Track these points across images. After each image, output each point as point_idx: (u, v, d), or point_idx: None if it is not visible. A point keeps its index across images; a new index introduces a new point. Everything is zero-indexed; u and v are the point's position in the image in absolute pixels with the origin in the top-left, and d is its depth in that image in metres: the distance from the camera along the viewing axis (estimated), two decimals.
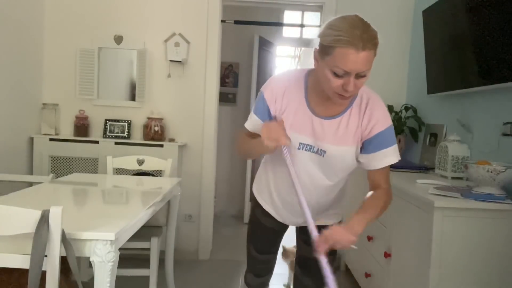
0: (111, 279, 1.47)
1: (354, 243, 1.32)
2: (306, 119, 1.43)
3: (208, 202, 3.58)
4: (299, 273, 1.72)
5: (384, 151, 1.41)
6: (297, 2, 3.57)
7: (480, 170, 1.84)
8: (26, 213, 1.33)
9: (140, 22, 3.46)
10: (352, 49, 1.21)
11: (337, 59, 1.23)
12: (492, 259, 1.75)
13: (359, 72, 1.26)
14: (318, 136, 1.42)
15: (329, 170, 1.48)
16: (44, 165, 3.27)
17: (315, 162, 1.46)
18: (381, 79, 3.54)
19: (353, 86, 1.27)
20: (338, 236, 1.31)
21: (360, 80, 1.29)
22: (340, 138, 1.41)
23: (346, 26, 1.24)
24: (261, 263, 1.78)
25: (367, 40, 1.23)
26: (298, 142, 1.44)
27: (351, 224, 1.34)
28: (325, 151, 1.43)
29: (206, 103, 3.51)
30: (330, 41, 1.24)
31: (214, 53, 3.49)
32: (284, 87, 1.45)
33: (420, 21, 3.09)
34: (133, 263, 2.69)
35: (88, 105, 3.48)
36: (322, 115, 1.42)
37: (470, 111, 2.52)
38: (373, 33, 1.26)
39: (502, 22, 2.03)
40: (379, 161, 1.42)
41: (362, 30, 1.23)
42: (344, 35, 1.22)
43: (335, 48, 1.23)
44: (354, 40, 1.21)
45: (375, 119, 1.39)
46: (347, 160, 1.45)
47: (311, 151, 1.45)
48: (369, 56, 1.26)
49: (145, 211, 1.84)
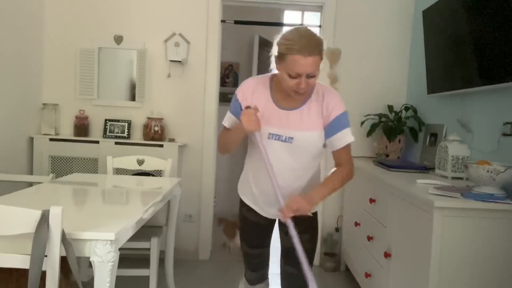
0: (111, 279, 1.47)
1: (310, 211, 1.61)
2: (273, 112, 1.68)
3: (208, 202, 3.58)
4: (283, 263, 1.89)
5: (342, 132, 1.69)
6: (297, 2, 3.57)
7: (480, 170, 1.84)
8: (26, 213, 1.33)
9: (140, 22, 3.46)
10: (300, 56, 1.50)
11: (289, 64, 1.52)
12: (492, 259, 1.75)
13: (308, 74, 1.53)
14: (285, 125, 1.67)
15: (297, 154, 1.70)
16: (44, 165, 3.27)
17: (285, 149, 1.69)
18: (381, 79, 3.54)
19: (305, 84, 1.55)
20: (297, 205, 1.57)
21: (310, 79, 1.56)
22: (304, 124, 1.67)
23: (296, 37, 1.52)
24: (255, 257, 1.94)
25: (313, 48, 1.51)
26: (268, 133, 1.68)
27: (311, 195, 1.62)
28: (292, 137, 1.67)
29: (206, 103, 3.51)
30: (283, 49, 1.53)
31: (214, 53, 3.49)
32: (252, 88, 1.73)
33: (420, 21, 3.09)
34: (133, 263, 2.69)
35: (88, 105, 3.48)
36: (286, 106, 1.69)
37: (470, 111, 2.52)
38: (318, 41, 1.54)
39: (502, 22, 2.03)
40: (339, 142, 1.70)
41: (309, 39, 1.51)
42: (294, 45, 1.50)
43: (287, 56, 1.52)
44: (302, 48, 1.49)
45: (331, 106, 1.67)
46: (312, 143, 1.69)
47: (280, 140, 1.68)
48: (316, 60, 1.53)
49: (145, 211, 1.84)
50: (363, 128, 3.46)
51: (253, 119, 1.60)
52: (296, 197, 1.60)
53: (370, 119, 3.43)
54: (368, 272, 2.66)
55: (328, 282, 3.22)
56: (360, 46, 3.52)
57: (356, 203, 3.06)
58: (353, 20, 3.50)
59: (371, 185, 2.70)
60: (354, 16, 3.50)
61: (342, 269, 3.46)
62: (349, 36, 3.51)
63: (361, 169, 2.93)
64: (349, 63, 3.51)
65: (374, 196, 2.61)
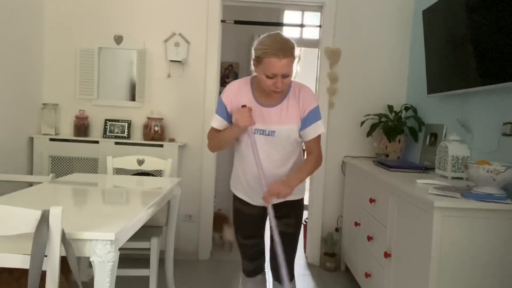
0: (111, 279, 1.47)
1: (290, 194, 1.83)
2: (256, 110, 1.88)
3: (208, 202, 3.58)
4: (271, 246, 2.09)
5: (314, 125, 1.89)
6: (297, 2, 3.57)
7: (480, 170, 1.84)
8: (26, 213, 1.33)
9: (140, 22, 3.46)
10: (275, 58, 1.70)
11: (266, 66, 1.73)
12: (492, 259, 1.75)
13: (283, 74, 1.73)
14: (267, 121, 1.89)
15: (279, 145, 1.92)
16: (44, 165, 3.27)
17: (268, 142, 1.91)
18: (381, 79, 3.54)
19: (281, 84, 1.76)
20: (277, 189, 1.79)
21: (285, 79, 1.76)
22: (284, 119, 1.88)
23: (270, 41, 1.72)
24: (251, 247, 2.10)
25: (286, 51, 1.70)
26: (253, 129, 1.89)
27: (288, 180, 1.85)
28: (274, 131, 1.89)
29: (206, 103, 3.51)
30: (260, 53, 1.73)
31: (214, 53, 3.49)
32: (235, 90, 1.93)
33: (420, 21, 3.09)
34: (133, 263, 2.69)
35: (88, 105, 3.48)
36: (267, 104, 1.89)
37: (470, 111, 2.52)
38: (290, 45, 1.74)
39: (502, 22, 2.03)
40: (312, 132, 1.90)
41: (281, 43, 1.71)
42: (269, 49, 1.70)
43: (264, 59, 1.72)
44: (276, 52, 1.69)
45: (306, 101, 1.88)
46: (291, 135, 1.91)
47: (263, 134, 1.90)
48: (289, 62, 1.73)
49: (145, 211, 1.84)
50: (363, 128, 3.46)
51: (247, 116, 1.80)
52: (276, 182, 1.82)
53: (370, 119, 3.43)
54: (368, 272, 2.66)
55: (328, 282, 3.22)
56: (360, 46, 3.52)
57: (356, 203, 3.06)
58: (353, 20, 3.50)
59: (371, 185, 2.70)
60: (354, 16, 3.50)
61: (342, 269, 3.46)
62: (349, 36, 3.51)
63: (361, 169, 2.93)
64: (349, 63, 3.51)
65: (374, 196, 2.61)
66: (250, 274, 2.14)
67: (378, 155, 3.35)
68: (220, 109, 1.94)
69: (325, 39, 3.50)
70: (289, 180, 1.85)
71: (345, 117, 3.53)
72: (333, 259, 3.45)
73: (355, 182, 3.16)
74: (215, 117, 1.97)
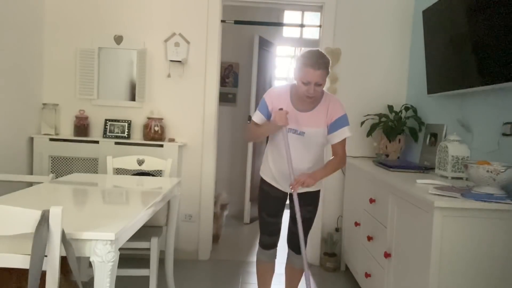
0: (111, 279, 1.47)
1: (313, 184, 2.19)
2: (292, 113, 2.21)
3: (208, 202, 3.58)
4: (291, 225, 2.43)
5: (341, 130, 2.22)
6: (297, 2, 3.57)
7: (480, 170, 1.84)
8: (26, 213, 1.33)
9: (140, 22, 3.46)
10: (311, 69, 2.05)
11: (303, 75, 2.09)
12: (492, 259, 1.75)
13: (316, 82, 2.08)
14: (299, 123, 2.23)
15: (307, 144, 2.26)
16: (44, 165, 3.27)
17: (298, 140, 2.25)
18: (381, 79, 3.54)
19: (313, 90, 2.10)
20: (303, 179, 2.16)
21: (318, 87, 2.10)
22: (314, 123, 2.23)
23: (310, 55, 2.09)
24: (272, 224, 2.42)
25: (321, 64, 2.06)
26: (288, 128, 2.22)
27: (314, 173, 2.22)
28: (304, 132, 2.24)
29: (206, 103, 3.51)
30: (300, 64, 2.10)
31: (214, 53, 3.49)
32: (276, 94, 2.29)
33: (420, 21, 3.09)
34: (133, 263, 2.69)
35: (88, 105, 3.48)
36: (301, 109, 2.23)
37: (470, 111, 2.52)
38: (326, 60, 2.09)
39: (502, 22, 2.03)
40: (338, 137, 2.24)
41: (318, 57, 2.07)
42: (308, 61, 2.07)
43: (302, 68, 2.09)
44: (313, 64, 2.05)
45: (334, 110, 2.23)
46: (318, 137, 2.25)
47: (295, 133, 2.24)
48: (323, 74, 2.08)
49: (145, 211, 1.85)
50: (363, 128, 3.46)
51: (283, 117, 2.15)
52: (304, 174, 2.20)
53: (370, 119, 3.43)
54: (368, 272, 2.66)
55: (328, 282, 3.23)
56: (360, 46, 3.52)
57: (356, 203, 3.06)
58: (353, 20, 3.50)
59: (371, 185, 2.70)
60: (354, 16, 3.50)
61: (342, 269, 3.46)
62: (349, 36, 3.51)
63: (361, 169, 2.93)
64: (349, 63, 3.51)
65: (374, 196, 2.61)
66: (266, 247, 2.46)
67: (378, 155, 3.35)
68: (262, 107, 2.30)
69: (325, 39, 3.50)
70: (315, 173, 2.22)
71: None
72: (333, 259, 3.45)
73: (355, 182, 3.16)
74: (257, 113, 2.31)
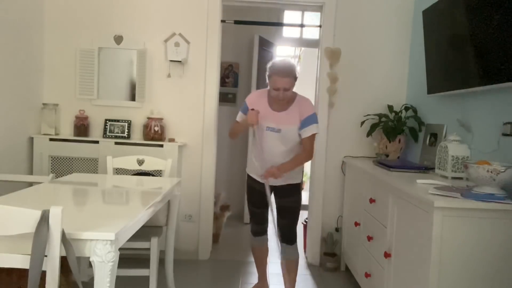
0: (111, 279, 1.47)
1: (280, 176, 2.49)
2: (269, 113, 2.54)
3: (208, 202, 3.58)
4: (278, 218, 2.68)
5: (310, 126, 2.50)
6: (297, 2, 3.57)
7: (480, 170, 1.84)
8: (26, 213, 1.33)
9: (140, 22, 3.46)
10: (279, 77, 2.39)
11: (272, 82, 2.43)
12: (492, 259, 1.75)
13: (284, 88, 2.40)
14: (276, 122, 2.53)
15: (284, 141, 2.54)
16: (44, 165, 3.27)
17: (276, 137, 2.54)
18: (381, 79, 3.54)
19: (282, 95, 2.43)
20: (273, 170, 2.46)
21: (286, 92, 2.43)
22: (288, 121, 2.52)
23: (277, 65, 2.44)
24: (258, 214, 2.76)
25: (287, 72, 2.40)
26: (266, 126, 2.55)
27: (282, 165, 2.50)
28: (280, 129, 2.52)
29: (206, 103, 3.51)
30: (270, 72, 2.45)
31: (214, 53, 3.49)
32: (256, 97, 2.64)
33: (420, 21, 3.09)
34: (133, 263, 2.69)
35: (88, 105, 3.48)
36: (277, 109, 2.55)
37: (470, 111, 2.52)
38: (291, 68, 2.42)
39: (502, 22, 2.03)
40: (306, 132, 2.51)
41: (284, 67, 2.41)
42: (275, 70, 2.42)
43: (272, 76, 2.43)
44: (279, 72, 2.40)
45: (305, 109, 2.52)
46: (293, 134, 2.53)
47: (273, 131, 2.54)
48: (290, 80, 2.40)
49: (145, 211, 1.85)
50: (363, 128, 3.46)
51: (254, 116, 2.46)
52: (272, 166, 2.49)
53: (370, 119, 3.43)
54: (368, 272, 2.66)
55: (328, 282, 3.23)
56: (360, 46, 3.52)
57: (356, 203, 3.06)
58: (353, 20, 3.50)
59: (371, 185, 2.70)
60: (354, 16, 3.50)
61: (342, 269, 3.46)
62: (349, 36, 3.51)
63: (361, 169, 2.93)
64: (349, 63, 3.51)
65: (374, 196, 2.61)
66: (256, 234, 2.80)
67: (378, 155, 3.36)
68: (244, 108, 2.63)
69: (325, 39, 3.50)
70: (283, 165, 2.51)
71: (345, 117, 3.53)
72: (333, 259, 3.45)
73: (355, 182, 3.16)
74: (240, 113, 2.66)
